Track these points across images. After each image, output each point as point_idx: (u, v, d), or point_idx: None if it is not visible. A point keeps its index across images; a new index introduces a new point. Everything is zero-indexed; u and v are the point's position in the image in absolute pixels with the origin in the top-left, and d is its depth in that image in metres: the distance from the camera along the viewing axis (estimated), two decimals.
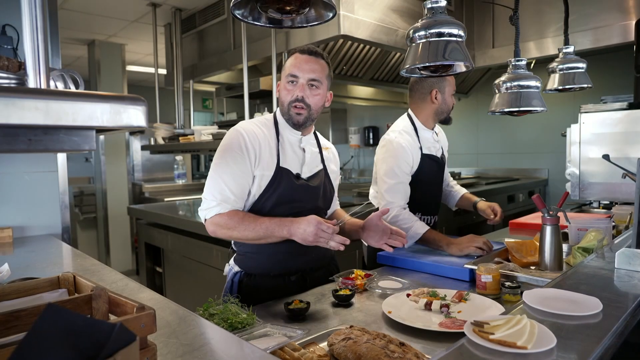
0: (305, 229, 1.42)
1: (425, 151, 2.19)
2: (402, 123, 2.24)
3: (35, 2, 0.72)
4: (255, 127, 1.62)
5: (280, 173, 1.59)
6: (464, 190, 2.50)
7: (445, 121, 2.29)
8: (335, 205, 1.93)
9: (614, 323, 0.95)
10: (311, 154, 1.71)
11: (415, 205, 2.15)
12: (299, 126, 1.64)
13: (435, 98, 2.17)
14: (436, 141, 2.27)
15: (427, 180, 2.19)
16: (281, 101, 1.63)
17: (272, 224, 1.49)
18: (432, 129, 2.26)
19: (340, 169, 1.94)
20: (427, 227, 2.01)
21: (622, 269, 1.32)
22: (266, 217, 1.53)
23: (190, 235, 2.86)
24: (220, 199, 1.53)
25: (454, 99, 2.23)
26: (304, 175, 1.66)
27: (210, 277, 2.73)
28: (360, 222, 1.72)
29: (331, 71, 1.66)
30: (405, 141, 2.11)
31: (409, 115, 2.26)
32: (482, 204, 2.34)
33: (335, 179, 1.86)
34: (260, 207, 1.60)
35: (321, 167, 1.75)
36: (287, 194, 1.59)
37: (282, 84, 1.63)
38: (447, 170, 2.49)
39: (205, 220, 1.57)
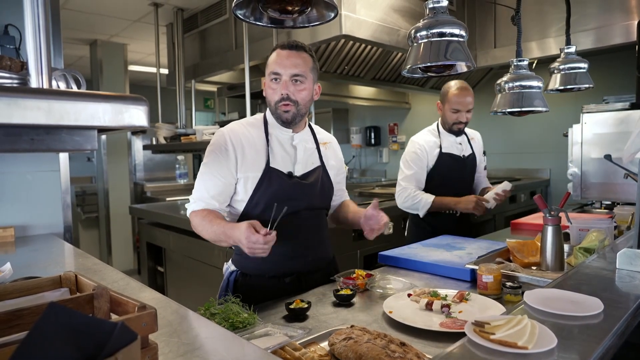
0: (240, 240, 1.39)
1: (444, 150, 2.54)
2: (431, 126, 2.66)
3: (38, 2, 0.72)
4: (241, 128, 1.61)
5: (269, 174, 1.57)
6: (484, 185, 2.77)
7: (451, 132, 2.58)
8: (343, 197, 1.89)
9: (615, 323, 0.95)
10: (305, 151, 1.67)
11: (438, 196, 2.50)
12: (288, 124, 1.61)
13: (440, 109, 2.57)
14: (459, 143, 2.59)
15: (444, 174, 2.54)
16: (268, 101, 1.61)
17: (218, 229, 1.48)
18: (449, 132, 2.57)
19: (346, 164, 1.94)
20: (433, 197, 2.44)
21: (624, 270, 1.31)
22: (217, 221, 1.51)
23: (191, 235, 2.86)
24: (197, 197, 1.59)
25: (459, 117, 2.49)
26: (297, 173, 1.63)
27: (212, 277, 2.74)
28: (362, 211, 1.70)
29: (316, 63, 1.61)
30: (424, 140, 2.55)
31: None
32: (488, 194, 2.47)
33: (337, 174, 1.81)
34: (252, 210, 1.58)
35: (318, 164, 1.70)
36: (278, 194, 1.57)
37: (267, 82, 1.59)
38: (483, 169, 2.81)
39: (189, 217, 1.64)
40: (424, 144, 2.52)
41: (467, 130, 2.67)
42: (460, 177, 2.60)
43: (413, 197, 2.46)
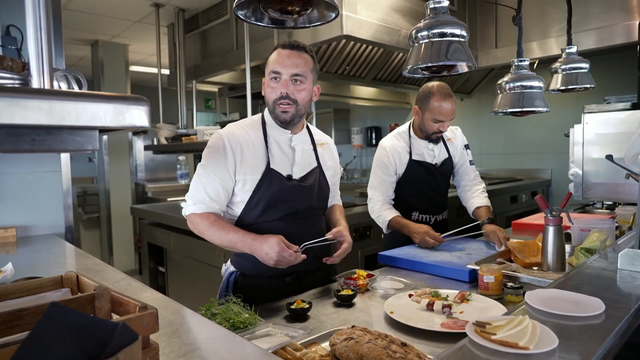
0: (267, 252, 1.42)
1: (415, 157, 2.31)
2: (402, 127, 2.41)
3: (39, 3, 0.72)
4: (239, 130, 1.60)
5: (269, 175, 1.56)
6: (478, 204, 2.34)
7: (428, 139, 2.31)
8: (335, 200, 1.89)
9: (616, 324, 0.95)
10: (303, 153, 1.66)
11: (409, 204, 2.33)
12: (286, 124, 1.60)
13: (417, 114, 2.28)
14: (431, 149, 2.33)
15: (414, 183, 2.32)
16: (266, 100, 1.60)
17: (235, 237, 1.49)
18: (425, 139, 2.31)
19: (344, 168, 1.93)
20: (395, 215, 2.21)
21: (625, 270, 1.31)
22: (233, 229, 1.52)
23: (192, 235, 2.83)
24: (197, 199, 1.57)
25: (440, 126, 2.20)
26: (296, 176, 1.62)
27: (213, 277, 2.74)
28: (340, 223, 1.76)
29: (316, 64, 1.60)
30: (391, 145, 2.31)
31: (412, 121, 2.37)
32: (487, 227, 2.12)
33: (334, 175, 1.81)
34: (251, 211, 1.58)
35: (315, 165, 1.70)
36: (277, 196, 1.57)
37: (266, 81, 1.58)
38: (469, 166, 2.44)
39: (185, 216, 1.64)
40: (392, 150, 2.29)
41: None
42: (432, 187, 2.34)
43: (377, 211, 2.26)
